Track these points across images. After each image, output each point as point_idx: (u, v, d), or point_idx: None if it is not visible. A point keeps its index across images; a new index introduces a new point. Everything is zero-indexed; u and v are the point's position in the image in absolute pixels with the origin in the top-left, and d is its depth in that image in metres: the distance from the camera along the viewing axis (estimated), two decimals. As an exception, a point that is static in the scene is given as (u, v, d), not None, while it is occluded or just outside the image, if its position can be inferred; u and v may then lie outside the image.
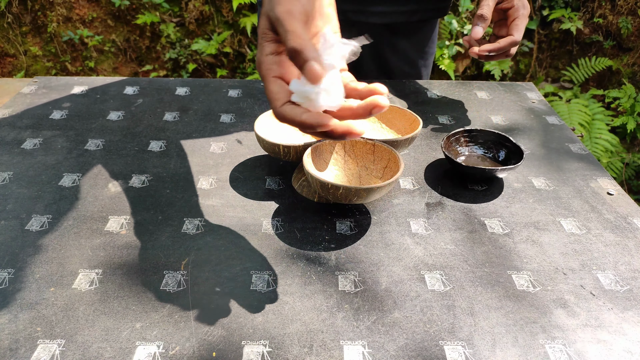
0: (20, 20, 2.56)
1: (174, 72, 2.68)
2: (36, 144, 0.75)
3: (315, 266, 0.55)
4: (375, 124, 0.73)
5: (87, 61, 2.62)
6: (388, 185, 0.56)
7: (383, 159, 0.63)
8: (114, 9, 2.58)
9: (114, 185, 0.67)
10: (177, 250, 0.56)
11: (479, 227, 0.62)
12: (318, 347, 0.46)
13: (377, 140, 0.64)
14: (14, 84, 0.93)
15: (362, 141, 0.64)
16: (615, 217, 0.64)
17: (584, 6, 2.60)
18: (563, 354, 0.46)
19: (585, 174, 0.72)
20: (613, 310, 0.51)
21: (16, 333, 0.47)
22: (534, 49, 2.67)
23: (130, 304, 0.50)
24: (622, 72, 2.50)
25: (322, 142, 0.63)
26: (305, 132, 0.43)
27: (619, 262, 0.57)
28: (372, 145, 0.64)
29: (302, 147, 0.63)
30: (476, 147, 0.74)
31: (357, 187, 0.54)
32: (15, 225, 0.59)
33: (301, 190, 0.63)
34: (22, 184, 0.66)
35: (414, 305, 0.51)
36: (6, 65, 2.62)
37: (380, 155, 0.63)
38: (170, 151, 0.74)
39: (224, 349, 0.46)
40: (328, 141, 0.63)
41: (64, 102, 0.87)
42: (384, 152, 0.63)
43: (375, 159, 0.64)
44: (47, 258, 0.55)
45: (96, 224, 0.60)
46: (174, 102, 0.88)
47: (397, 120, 0.72)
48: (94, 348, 0.45)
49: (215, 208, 0.63)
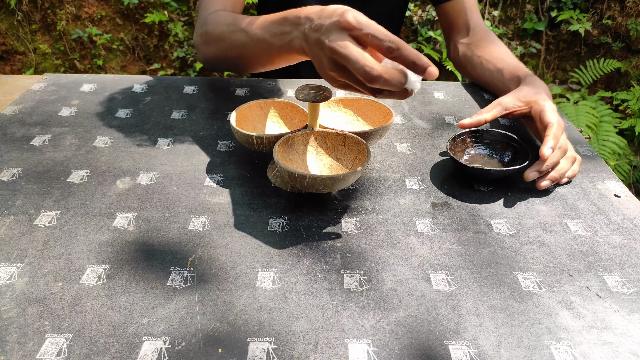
0: (30, 18, 2.57)
1: (181, 70, 2.69)
2: (45, 140, 0.76)
3: (321, 264, 0.55)
4: (351, 116, 0.74)
5: (95, 59, 2.64)
6: (353, 175, 0.57)
7: (353, 150, 0.65)
8: (123, 7, 2.60)
9: (122, 182, 0.67)
10: (184, 247, 0.57)
11: (485, 227, 0.62)
12: (323, 344, 0.46)
13: (349, 132, 0.65)
14: (23, 81, 0.94)
15: (333, 133, 0.65)
16: (622, 219, 0.64)
17: (592, 7, 2.59)
18: (568, 355, 0.46)
19: (592, 176, 0.72)
20: (619, 312, 0.51)
21: (24, 327, 0.47)
22: (541, 51, 2.66)
23: (137, 299, 0.50)
24: (630, 74, 2.48)
25: (294, 134, 0.65)
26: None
27: (626, 264, 0.57)
28: (343, 137, 0.65)
29: (274, 137, 0.64)
30: (482, 148, 0.74)
31: (323, 176, 0.55)
32: (24, 221, 0.60)
33: (275, 180, 0.64)
34: (31, 180, 0.67)
35: (419, 305, 0.51)
36: (16, 63, 2.64)
37: (351, 146, 0.65)
38: (178, 149, 0.75)
39: (229, 345, 0.46)
40: (300, 132, 0.65)
41: (73, 99, 0.88)
42: (354, 143, 0.64)
43: (346, 150, 0.65)
44: (55, 253, 0.55)
45: (104, 220, 0.60)
46: (182, 100, 0.89)
47: (371, 113, 0.73)
48: (101, 343, 0.46)
49: (222, 205, 0.63)
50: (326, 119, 0.73)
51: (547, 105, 0.71)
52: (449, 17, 1.02)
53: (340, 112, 0.74)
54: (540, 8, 2.63)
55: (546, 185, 0.66)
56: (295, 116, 0.72)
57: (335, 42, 0.52)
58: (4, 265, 0.54)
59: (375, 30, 0.52)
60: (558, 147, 0.66)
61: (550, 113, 0.69)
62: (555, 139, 0.65)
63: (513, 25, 2.69)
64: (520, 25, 2.67)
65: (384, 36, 0.51)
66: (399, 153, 0.76)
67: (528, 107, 0.74)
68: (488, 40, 0.95)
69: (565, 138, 0.68)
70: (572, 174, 0.69)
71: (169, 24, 2.60)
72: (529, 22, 2.63)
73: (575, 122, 2.03)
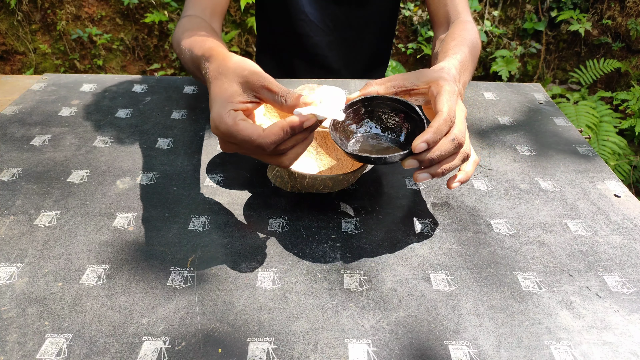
0: (30, 18, 2.57)
1: (181, 70, 2.69)
2: (45, 140, 0.76)
3: (321, 264, 0.55)
4: None
5: (95, 59, 2.64)
6: (352, 175, 0.57)
7: None
8: (123, 7, 2.60)
9: (121, 182, 0.67)
10: (184, 247, 0.57)
11: (485, 227, 0.62)
12: (323, 344, 0.46)
13: None
14: (23, 81, 0.94)
15: None
16: (622, 219, 0.64)
17: (592, 7, 2.59)
18: (568, 355, 0.46)
19: (592, 176, 0.72)
20: (619, 312, 0.51)
21: (24, 327, 0.47)
22: (541, 50, 2.66)
23: (137, 299, 0.50)
24: (630, 74, 2.48)
25: None
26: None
27: (626, 264, 0.57)
28: None
29: None
30: (374, 124, 0.61)
31: (323, 176, 0.55)
32: (24, 221, 0.60)
33: (275, 180, 0.64)
34: (31, 180, 0.67)
35: (419, 305, 0.51)
36: (16, 63, 2.64)
37: None
38: (178, 149, 0.75)
39: (229, 345, 0.46)
40: None
41: (73, 99, 0.88)
42: None
43: None
44: (55, 253, 0.55)
45: (104, 220, 0.60)
46: (182, 101, 0.89)
47: None
48: (101, 343, 0.46)
49: (221, 206, 0.63)
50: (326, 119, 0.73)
51: (445, 88, 0.55)
52: (431, 9, 0.93)
53: None
54: (540, 8, 2.63)
55: (423, 178, 0.54)
56: None
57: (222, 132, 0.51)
58: (4, 265, 0.54)
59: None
60: (452, 138, 0.53)
61: (445, 97, 0.54)
62: (436, 134, 0.52)
63: (513, 25, 2.69)
64: (520, 25, 2.67)
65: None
66: (399, 153, 0.76)
67: (427, 87, 0.57)
68: (453, 32, 0.78)
69: (463, 129, 0.54)
70: (464, 176, 0.58)
71: (169, 24, 2.60)
72: (529, 22, 2.63)
73: (575, 122, 2.03)
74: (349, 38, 1.08)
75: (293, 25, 1.05)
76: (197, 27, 0.77)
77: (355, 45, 1.10)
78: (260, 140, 0.48)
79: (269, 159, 0.51)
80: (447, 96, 0.54)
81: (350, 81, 0.97)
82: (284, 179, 0.64)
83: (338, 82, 0.96)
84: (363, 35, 1.08)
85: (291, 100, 0.50)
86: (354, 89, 0.94)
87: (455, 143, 0.53)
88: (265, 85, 0.51)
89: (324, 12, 1.04)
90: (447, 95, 0.54)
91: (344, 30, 1.07)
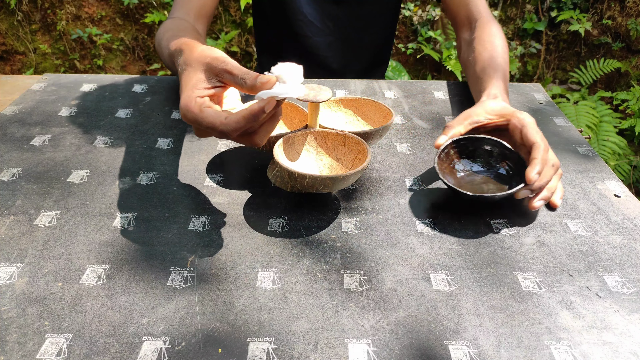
0: (30, 18, 2.58)
1: (181, 70, 2.69)
2: (45, 140, 0.76)
3: (321, 264, 0.55)
4: (351, 116, 0.74)
5: (95, 59, 2.64)
6: (353, 175, 0.57)
7: (353, 150, 0.64)
8: (123, 7, 2.60)
9: (121, 182, 0.67)
10: (184, 247, 0.57)
11: (485, 227, 0.62)
12: (323, 344, 0.46)
13: (349, 132, 0.65)
14: (23, 81, 0.94)
15: (333, 133, 0.65)
16: (622, 219, 0.64)
17: (592, 7, 2.59)
18: (568, 355, 0.46)
19: (592, 176, 0.72)
20: (619, 313, 0.51)
21: (24, 327, 0.47)
22: (541, 51, 2.66)
23: (137, 299, 0.50)
24: (630, 74, 2.48)
25: (294, 134, 0.64)
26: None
27: (626, 264, 0.57)
28: (343, 137, 0.65)
29: (274, 137, 0.64)
30: (468, 162, 0.68)
31: (323, 176, 0.55)
32: (24, 221, 0.60)
33: (275, 180, 0.64)
34: (31, 180, 0.67)
35: (419, 305, 0.51)
36: (15, 63, 2.64)
37: (351, 146, 0.65)
38: (178, 149, 0.75)
39: (229, 345, 0.46)
40: (300, 132, 0.65)
41: (73, 99, 0.88)
42: (354, 143, 0.64)
43: (346, 150, 0.65)
44: (55, 253, 0.55)
45: (104, 220, 0.60)
46: (182, 100, 0.89)
47: (371, 113, 0.73)
48: (101, 343, 0.46)
49: (221, 206, 0.63)
50: (326, 119, 0.73)
51: (527, 120, 0.64)
52: (451, 11, 0.97)
53: (340, 112, 0.74)
54: (540, 8, 2.63)
55: (540, 205, 0.62)
56: (295, 116, 0.72)
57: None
58: (4, 265, 0.54)
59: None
60: (552, 164, 0.62)
61: (534, 131, 0.63)
62: (542, 163, 0.60)
63: (513, 25, 2.69)
64: (520, 25, 2.67)
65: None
66: (399, 153, 0.76)
67: (504, 119, 0.67)
68: (482, 38, 0.86)
69: (553, 155, 0.63)
70: (562, 194, 0.66)
71: (169, 24, 2.60)
72: (529, 22, 2.63)
73: (575, 122, 2.03)
74: (349, 38, 1.08)
75: (291, 26, 1.05)
76: (178, 28, 0.79)
77: (355, 46, 1.09)
78: (222, 127, 0.50)
79: (241, 140, 0.54)
80: (534, 127, 0.63)
81: (350, 81, 0.97)
82: (284, 179, 0.64)
83: (338, 82, 0.96)
84: (363, 35, 1.08)
85: (250, 81, 0.51)
86: (354, 89, 0.94)
87: (555, 168, 0.62)
88: (226, 69, 0.53)
89: (323, 12, 1.04)
90: (533, 126, 0.63)
91: (344, 30, 1.06)
